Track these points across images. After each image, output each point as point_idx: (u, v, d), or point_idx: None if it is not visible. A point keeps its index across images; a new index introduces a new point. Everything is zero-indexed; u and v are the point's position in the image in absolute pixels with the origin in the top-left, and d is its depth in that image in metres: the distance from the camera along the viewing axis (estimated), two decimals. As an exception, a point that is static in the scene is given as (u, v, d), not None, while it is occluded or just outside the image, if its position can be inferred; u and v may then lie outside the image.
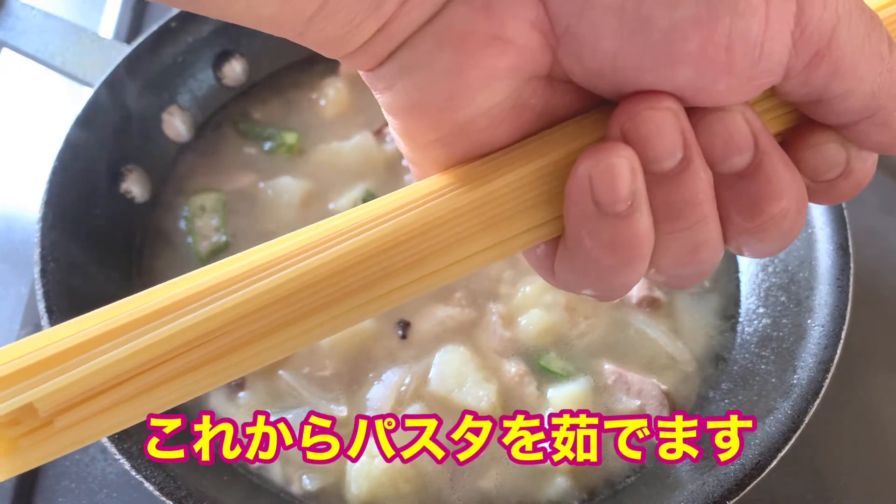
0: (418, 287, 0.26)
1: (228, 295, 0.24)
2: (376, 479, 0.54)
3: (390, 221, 0.26)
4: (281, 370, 0.59)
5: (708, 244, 0.27)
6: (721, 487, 0.49)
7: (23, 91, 0.87)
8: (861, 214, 0.77)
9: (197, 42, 0.70)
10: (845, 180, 0.27)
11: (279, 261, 0.25)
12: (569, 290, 0.30)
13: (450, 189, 0.27)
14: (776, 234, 0.27)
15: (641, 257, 0.26)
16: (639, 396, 0.58)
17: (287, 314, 0.25)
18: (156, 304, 0.24)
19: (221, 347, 0.24)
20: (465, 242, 0.26)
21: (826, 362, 0.53)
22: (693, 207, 0.26)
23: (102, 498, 0.60)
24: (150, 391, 0.24)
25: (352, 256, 0.25)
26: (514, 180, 0.26)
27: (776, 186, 0.26)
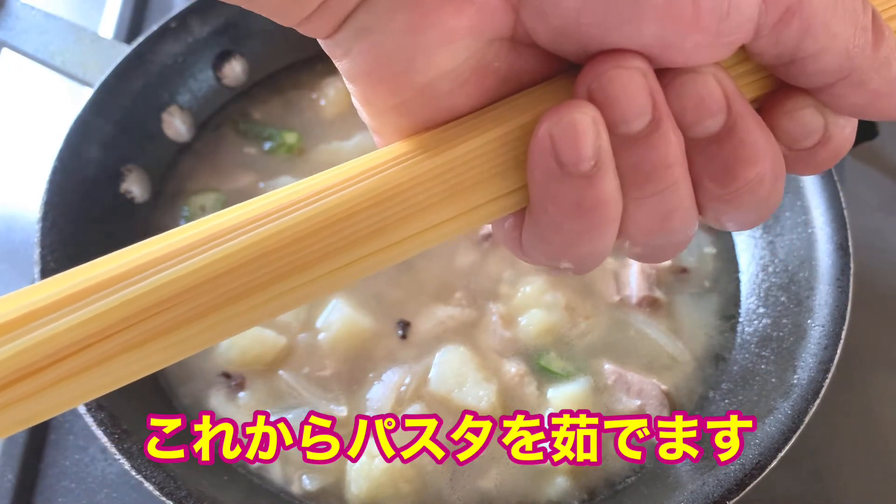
0: (381, 258, 0.25)
1: (179, 263, 0.23)
2: (376, 479, 0.54)
3: (349, 189, 0.25)
4: (281, 370, 0.59)
5: (679, 211, 0.26)
6: (721, 487, 0.49)
7: (23, 91, 0.87)
8: (861, 214, 0.77)
9: (197, 42, 0.70)
10: (824, 148, 0.27)
11: (232, 229, 0.24)
12: (537, 264, 0.29)
13: (411, 156, 0.26)
14: (752, 201, 0.26)
15: (608, 222, 0.25)
16: (639, 396, 0.58)
17: (241, 285, 0.23)
18: (101, 274, 0.23)
19: (174, 319, 0.23)
20: (429, 211, 0.25)
21: (826, 362, 0.53)
22: (663, 171, 0.25)
23: (102, 498, 0.60)
24: (95, 367, 0.23)
25: (309, 224, 0.24)
26: (479, 146, 0.25)
27: (751, 150, 0.25)
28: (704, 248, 0.67)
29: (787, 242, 0.62)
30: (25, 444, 0.61)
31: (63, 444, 0.63)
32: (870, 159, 0.83)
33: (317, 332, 0.61)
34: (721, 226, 0.28)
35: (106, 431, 0.49)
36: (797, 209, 0.61)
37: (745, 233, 0.67)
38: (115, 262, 0.23)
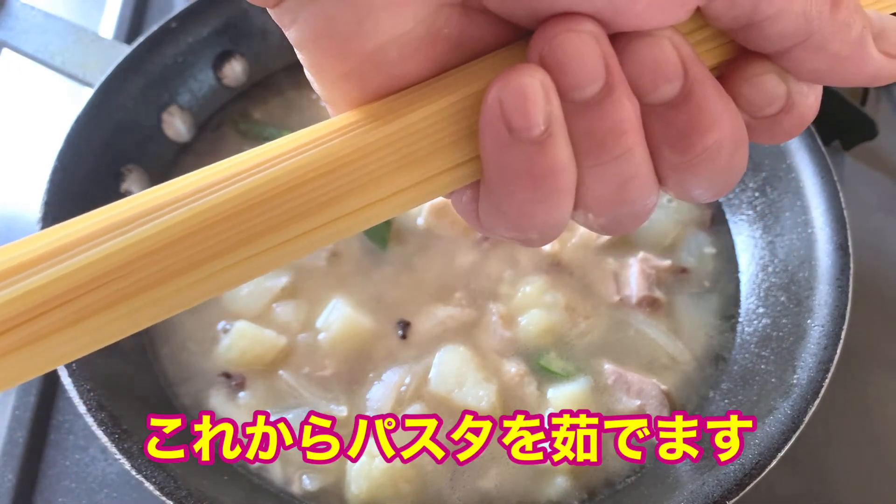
0: (334, 230, 0.25)
1: (126, 234, 0.22)
2: (376, 478, 0.54)
3: (298, 157, 0.24)
4: (281, 370, 0.59)
5: (637, 179, 0.25)
6: (721, 487, 0.49)
7: (23, 91, 0.87)
8: (861, 214, 0.78)
9: (197, 42, 0.70)
10: (787, 115, 0.26)
11: (175, 201, 0.23)
12: (496, 236, 0.28)
13: (362, 124, 0.25)
14: (712, 169, 0.25)
15: (561, 191, 0.25)
16: (639, 396, 0.58)
17: (188, 256, 0.23)
18: (55, 241, 0.22)
19: (119, 292, 0.22)
20: (381, 181, 0.25)
21: (826, 362, 0.53)
22: (617, 137, 0.24)
23: (102, 498, 0.60)
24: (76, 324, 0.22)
25: (258, 193, 0.23)
26: (431, 114, 0.25)
27: (708, 116, 0.24)
28: (704, 249, 0.67)
29: (786, 242, 0.62)
30: (26, 443, 0.61)
31: (63, 444, 0.63)
32: (869, 159, 0.83)
33: (317, 332, 0.61)
34: (686, 195, 0.27)
35: (106, 431, 0.49)
36: (797, 209, 0.61)
37: (745, 233, 0.67)
38: (59, 231, 0.23)
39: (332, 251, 0.65)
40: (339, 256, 0.65)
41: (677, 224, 0.68)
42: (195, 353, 0.60)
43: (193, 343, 0.61)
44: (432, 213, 0.66)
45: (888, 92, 0.89)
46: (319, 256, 0.65)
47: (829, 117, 0.81)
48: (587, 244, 0.66)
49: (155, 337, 0.61)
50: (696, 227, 0.68)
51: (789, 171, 0.63)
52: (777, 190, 0.64)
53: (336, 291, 0.63)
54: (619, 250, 0.66)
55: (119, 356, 0.57)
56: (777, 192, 0.64)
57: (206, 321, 0.62)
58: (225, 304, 0.62)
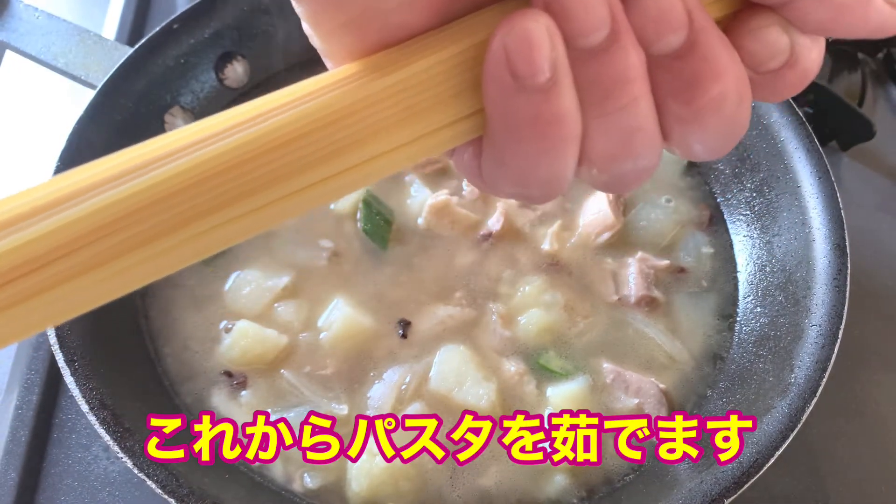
0: (337, 184, 0.24)
1: (124, 184, 0.22)
2: (377, 477, 0.54)
3: (297, 108, 0.23)
4: (282, 369, 0.60)
5: (642, 132, 0.25)
6: (719, 486, 0.49)
7: (25, 92, 0.88)
8: (858, 214, 0.78)
9: (199, 43, 0.70)
10: (790, 70, 0.26)
11: (179, 150, 0.23)
12: (499, 193, 0.28)
13: (363, 75, 0.24)
14: (716, 122, 0.25)
15: (566, 140, 0.25)
16: (637, 395, 0.59)
17: (189, 208, 0.22)
18: (76, 182, 0.22)
19: (114, 247, 0.22)
20: (383, 135, 0.24)
21: (823, 361, 0.53)
22: (623, 86, 0.24)
23: (105, 496, 0.60)
24: (79, 277, 0.21)
25: (259, 144, 0.23)
26: (432, 65, 0.24)
27: (713, 66, 0.24)
28: (702, 248, 0.67)
29: (784, 242, 0.62)
30: (28, 442, 0.62)
31: (66, 443, 0.63)
32: (867, 160, 0.83)
33: (318, 331, 0.61)
34: (689, 151, 0.27)
35: (108, 430, 0.50)
36: (794, 209, 0.62)
37: (743, 232, 0.67)
38: (68, 178, 0.22)
39: (333, 251, 0.65)
40: (339, 256, 0.65)
41: (675, 224, 0.68)
42: (197, 352, 0.61)
43: (195, 342, 0.61)
44: (432, 213, 0.66)
45: (885, 93, 0.89)
46: (320, 256, 0.65)
47: (827, 118, 0.82)
48: (586, 244, 0.66)
49: (157, 336, 0.62)
50: (694, 227, 0.69)
51: (787, 172, 0.63)
52: (775, 190, 0.64)
53: (337, 291, 0.63)
54: (618, 250, 0.66)
55: (121, 355, 0.58)
56: (775, 192, 0.64)
57: (208, 320, 0.62)
58: (226, 303, 0.63)
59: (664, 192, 0.70)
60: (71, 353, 0.52)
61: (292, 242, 0.66)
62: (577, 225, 0.68)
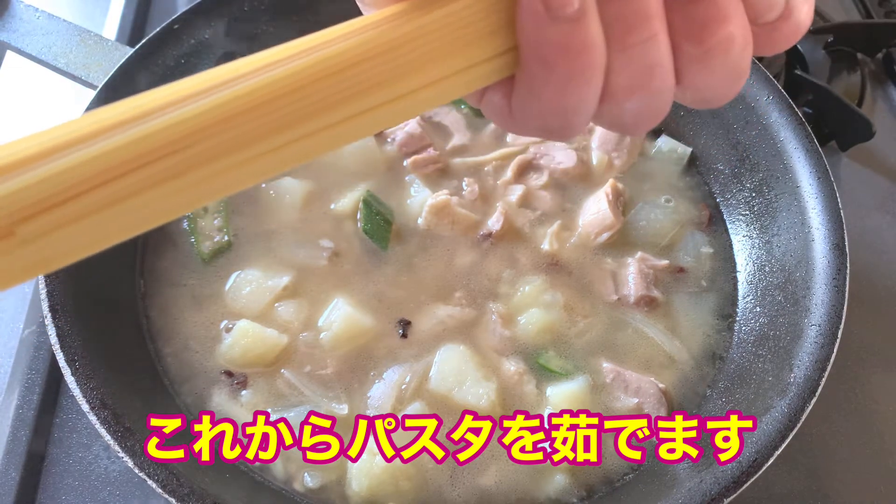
0: (385, 113, 0.26)
1: (193, 103, 0.23)
2: (377, 476, 0.54)
3: (348, 41, 0.25)
4: (283, 369, 0.60)
5: (660, 68, 0.28)
6: (718, 485, 0.50)
7: (26, 92, 0.88)
8: (857, 214, 0.78)
9: (200, 44, 0.70)
10: (785, 23, 0.29)
11: (246, 74, 0.24)
12: (526, 129, 0.31)
13: (408, 13, 0.27)
14: (724, 64, 0.28)
15: (592, 67, 0.27)
16: (637, 395, 0.59)
17: (251, 129, 0.24)
18: (124, 111, 0.23)
19: (189, 159, 0.23)
20: (430, 66, 0.26)
21: (822, 361, 0.53)
22: (644, 20, 0.27)
23: (105, 496, 0.61)
24: (120, 203, 0.23)
25: (312, 72, 0.25)
26: (473, 3, 0.27)
27: (722, 10, 0.27)
28: (701, 248, 0.67)
29: (783, 242, 0.62)
30: (29, 442, 0.62)
31: (66, 442, 0.63)
32: (866, 160, 0.84)
33: (318, 331, 0.61)
34: (698, 94, 0.30)
35: (109, 429, 0.50)
36: (794, 209, 0.62)
37: (742, 232, 0.67)
38: (140, 100, 0.24)
39: (333, 251, 0.65)
40: (340, 256, 0.65)
41: (675, 224, 0.68)
42: (197, 351, 0.61)
43: (195, 342, 0.61)
44: (432, 213, 0.66)
45: (884, 93, 0.89)
46: (321, 256, 0.65)
47: (826, 118, 0.82)
48: (586, 244, 0.67)
49: (157, 335, 0.62)
50: (693, 226, 0.69)
51: (786, 172, 0.63)
52: (774, 190, 0.64)
53: (337, 291, 0.63)
54: (618, 250, 0.66)
55: (122, 355, 0.58)
56: (774, 192, 0.64)
57: (209, 320, 0.62)
58: (227, 303, 0.63)
59: (664, 192, 0.70)
60: (72, 353, 0.52)
61: (293, 242, 0.66)
62: (577, 225, 0.68)
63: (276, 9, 0.73)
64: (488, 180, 0.71)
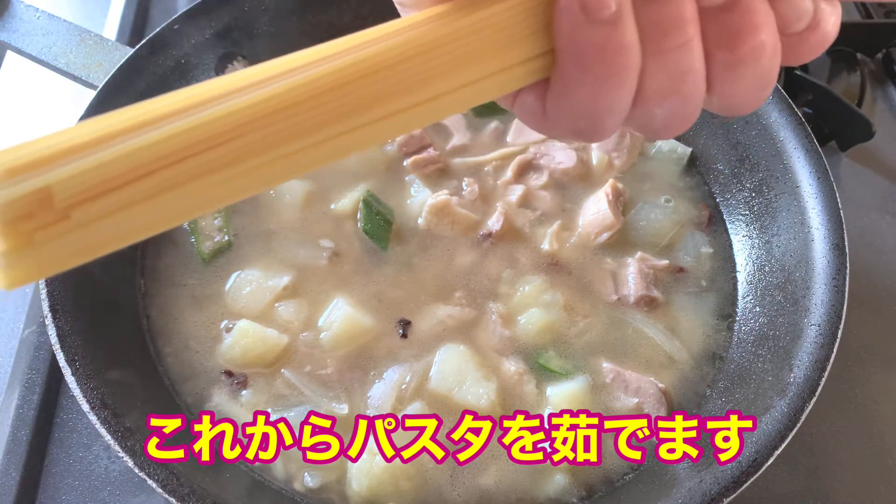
0: (430, 109, 0.27)
1: (244, 95, 0.24)
2: (377, 476, 0.54)
3: (394, 39, 0.26)
4: (283, 369, 0.60)
5: (692, 74, 0.29)
6: (718, 485, 0.50)
7: (26, 93, 0.88)
8: (857, 214, 0.78)
9: (200, 44, 0.70)
10: (812, 33, 0.29)
11: (286, 72, 0.25)
12: (558, 130, 0.31)
13: (449, 13, 0.27)
14: (755, 70, 0.29)
15: (627, 69, 0.28)
16: (637, 395, 0.59)
17: (291, 125, 0.24)
18: (176, 102, 0.24)
19: (239, 149, 0.24)
20: (471, 65, 0.27)
21: (822, 361, 0.53)
22: (679, 27, 0.27)
23: (106, 495, 0.61)
24: (172, 190, 0.23)
25: (358, 69, 0.25)
26: (512, 6, 0.27)
27: (754, 19, 0.28)
28: (701, 248, 0.67)
29: (783, 242, 0.62)
30: (29, 441, 0.62)
31: (67, 442, 0.63)
32: (866, 160, 0.84)
33: (318, 331, 0.61)
34: (726, 103, 0.30)
35: (109, 429, 0.50)
36: (793, 209, 0.62)
37: (742, 232, 0.67)
38: (183, 94, 0.24)
39: (334, 251, 0.65)
40: (340, 256, 0.65)
41: (675, 224, 0.68)
42: (197, 351, 0.61)
43: (196, 342, 0.61)
44: (432, 212, 0.66)
45: (884, 93, 0.89)
46: (321, 256, 0.65)
47: (826, 118, 0.82)
48: (586, 244, 0.67)
49: (158, 335, 0.62)
50: (693, 226, 0.69)
51: (786, 172, 0.63)
52: (774, 190, 0.64)
53: (337, 291, 0.63)
54: (618, 250, 0.66)
55: (122, 355, 0.58)
56: (774, 192, 0.64)
57: (209, 320, 0.62)
58: (227, 302, 0.63)
59: (664, 192, 0.70)
60: (72, 353, 0.52)
61: (293, 242, 0.66)
62: (577, 225, 0.68)
63: (276, 9, 0.73)
64: (488, 180, 0.71)
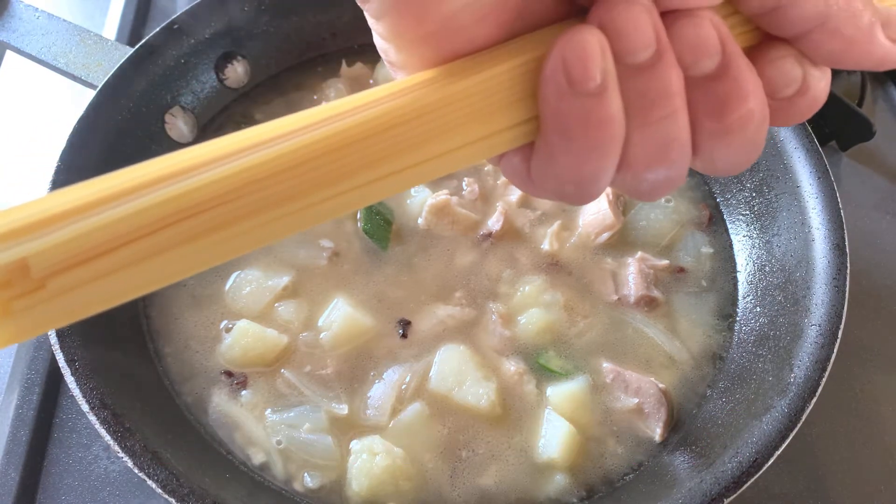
0: (416, 173, 0.27)
1: (229, 162, 0.24)
2: (377, 476, 0.54)
3: (383, 105, 0.27)
4: (283, 369, 0.60)
5: (678, 142, 0.28)
6: (718, 485, 0.49)
7: (26, 92, 0.88)
8: (857, 215, 0.78)
9: (199, 43, 0.70)
10: (802, 97, 0.29)
11: (273, 139, 0.25)
12: (543, 193, 0.31)
13: (440, 79, 0.28)
14: (742, 138, 0.28)
15: (611, 140, 0.28)
16: (637, 395, 0.59)
17: (279, 191, 0.25)
18: (155, 171, 0.24)
19: (222, 216, 0.24)
20: (458, 131, 0.28)
21: (823, 361, 0.53)
22: (665, 99, 0.27)
23: (105, 495, 0.61)
24: (148, 259, 0.24)
25: (346, 136, 0.26)
26: (500, 73, 0.28)
27: (743, 87, 0.28)
28: (702, 248, 0.67)
29: (783, 242, 0.62)
30: (29, 442, 0.62)
31: (66, 442, 0.63)
32: (866, 160, 0.83)
33: (318, 331, 0.61)
34: (713, 166, 0.30)
35: (109, 429, 0.50)
36: (794, 209, 0.62)
37: (742, 232, 0.67)
38: (162, 163, 0.24)
39: (333, 251, 0.65)
40: (340, 256, 0.65)
41: (675, 224, 0.68)
42: (197, 351, 0.61)
43: (196, 342, 0.61)
44: (432, 212, 0.66)
45: (885, 93, 0.89)
46: (321, 256, 0.65)
47: (826, 118, 0.82)
48: (586, 244, 0.67)
49: (157, 335, 0.62)
50: (693, 226, 0.69)
51: (786, 172, 0.63)
52: (774, 190, 0.64)
53: (337, 291, 0.63)
54: (618, 250, 0.66)
55: (122, 355, 0.58)
56: (774, 192, 0.64)
57: (209, 320, 0.62)
58: (227, 302, 0.63)
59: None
60: (71, 353, 0.52)
61: (293, 242, 0.66)
62: (577, 225, 0.68)
63: (276, 9, 0.73)
64: (488, 180, 0.71)
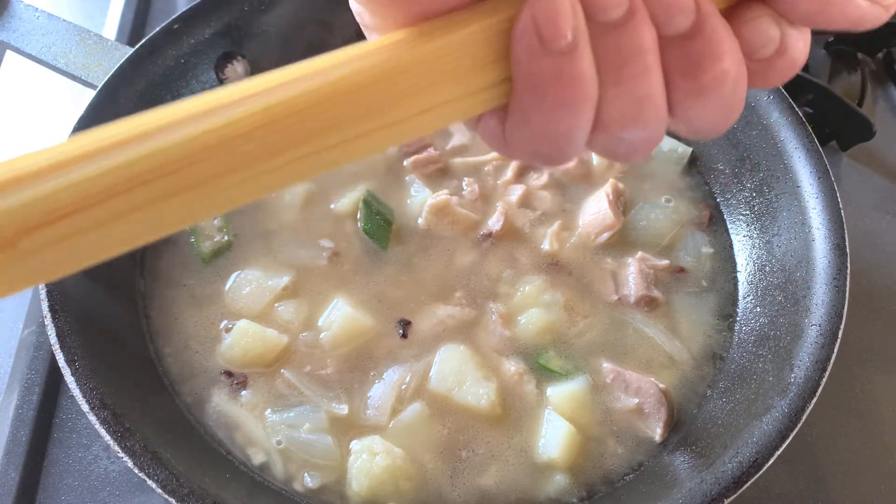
0: (390, 133, 0.27)
1: (202, 121, 0.24)
2: (377, 476, 0.54)
3: (354, 64, 0.26)
4: (283, 369, 0.60)
5: (651, 100, 0.28)
6: (718, 485, 0.49)
7: (26, 92, 0.88)
8: (857, 215, 0.78)
9: (199, 43, 0.70)
10: (780, 58, 0.29)
11: (246, 97, 0.25)
12: (519, 154, 0.31)
13: (411, 40, 0.27)
14: (717, 98, 0.28)
15: (583, 98, 0.27)
16: (637, 395, 0.59)
17: (250, 149, 0.25)
18: (124, 131, 0.24)
19: (192, 176, 0.24)
20: (429, 92, 0.27)
21: (823, 361, 0.53)
22: (638, 55, 0.27)
23: (105, 495, 0.61)
24: (121, 218, 0.23)
25: (319, 95, 0.25)
26: (472, 33, 0.27)
27: (717, 46, 0.27)
28: (702, 248, 0.67)
29: (784, 242, 0.62)
30: (29, 442, 0.62)
31: (66, 443, 0.63)
32: (866, 160, 0.83)
33: (318, 331, 0.61)
34: (690, 127, 0.30)
35: (109, 429, 0.50)
36: (794, 209, 0.62)
37: (743, 232, 0.67)
38: (142, 119, 0.25)
39: (333, 251, 0.65)
40: (340, 256, 0.65)
41: (675, 224, 0.68)
42: (197, 351, 0.61)
43: (195, 342, 0.61)
44: (432, 212, 0.66)
45: (885, 93, 0.89)
46: (321, 256, 0.65)
47: (827, 118, 0.82)
48: (586, 244, 0.67)
49: (157, 335, 0.62)
50: (693, 226, 0.69)
51: (787, 172, 0.63)
52: (774, 190, 0.64)
53: (337, 291, 0.63)
54: (618, 250, 0.66)
55: (122, 355, 0.58)
56: (774, 192, 0.64)
57: (208, 320, 0.62)
58: (227, 303, 0.63)
59: (664, 192, 0.70)
60: (71, 353, 0.52)
61: (293, 242, 0.66)
62: (577, 225, 0.68)
63: (276, 9, 0.73)
64: (488, 180, 0.71)
